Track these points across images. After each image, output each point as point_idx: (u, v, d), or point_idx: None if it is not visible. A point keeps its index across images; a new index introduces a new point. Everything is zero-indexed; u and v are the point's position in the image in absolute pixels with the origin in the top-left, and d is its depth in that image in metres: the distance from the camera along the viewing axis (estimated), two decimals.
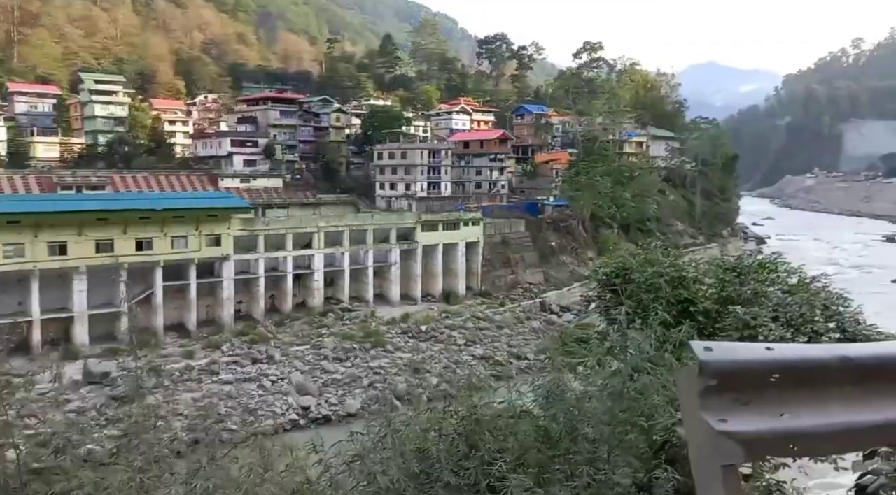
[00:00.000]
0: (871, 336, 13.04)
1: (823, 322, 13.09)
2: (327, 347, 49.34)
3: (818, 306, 13.32)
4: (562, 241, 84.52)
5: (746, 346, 2.27)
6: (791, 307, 12.98)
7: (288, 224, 58.02)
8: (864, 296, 75.56)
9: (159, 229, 50.60)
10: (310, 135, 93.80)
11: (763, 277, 14.89)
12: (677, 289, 13.79)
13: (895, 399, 2.30)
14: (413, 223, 65.32)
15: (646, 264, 14.60)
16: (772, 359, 2.19)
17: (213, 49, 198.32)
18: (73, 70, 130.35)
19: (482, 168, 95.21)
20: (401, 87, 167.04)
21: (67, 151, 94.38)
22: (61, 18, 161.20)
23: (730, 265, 15.80)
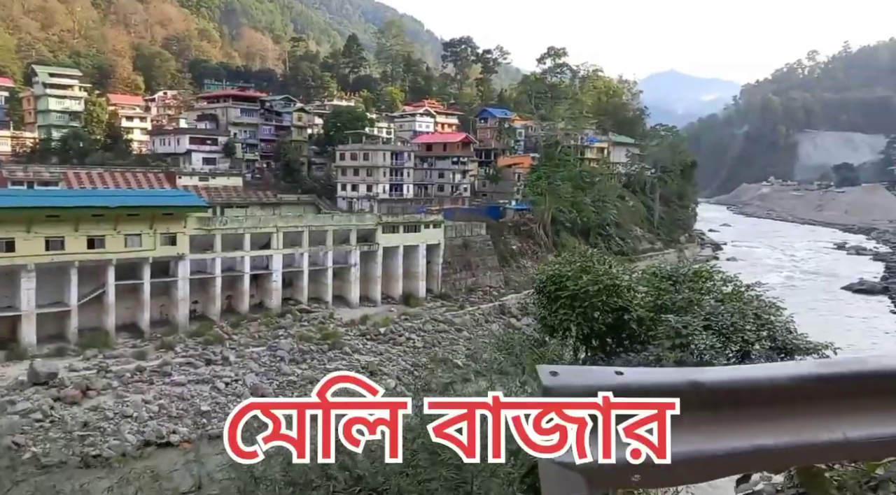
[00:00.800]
0: (800, 345, 13.37)
1: (755, 331, 13.36)
2: (284, 349, 48.86)
3: (750, 315, 13.60)
4: (522, 245, 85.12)
5: (595, 370, 2.20)
6: (722, 316, 13.19)
7: (246, 224, 57.30)
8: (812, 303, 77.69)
9: (112, 227, 49.50)
10: (271, 134, 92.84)
11: (698, 286, 15.13)
12: (611, 297, 13.96)
13: (751, 425, 2.18)
14: (374, 225, 65.12)
15: (580, 272, 14.71)
16: (620, 384, 2.12)
17: (174, 45, 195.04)
18: (27, 63, 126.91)
19: (445, 171, 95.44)
20: (364, 88, 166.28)
21: (20, 146, 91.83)
22: (16, 9, 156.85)
23: (665, 273, 16.00)
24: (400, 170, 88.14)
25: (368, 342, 53.36)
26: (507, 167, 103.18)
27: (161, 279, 52.88)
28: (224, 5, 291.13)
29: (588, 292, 13.84)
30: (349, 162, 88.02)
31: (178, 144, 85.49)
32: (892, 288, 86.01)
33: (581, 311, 13.69)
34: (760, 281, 19.67)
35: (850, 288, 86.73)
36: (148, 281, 51.63)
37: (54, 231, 47.33)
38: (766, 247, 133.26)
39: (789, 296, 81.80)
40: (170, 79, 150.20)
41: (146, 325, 51.36)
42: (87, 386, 39.99)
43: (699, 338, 12.05)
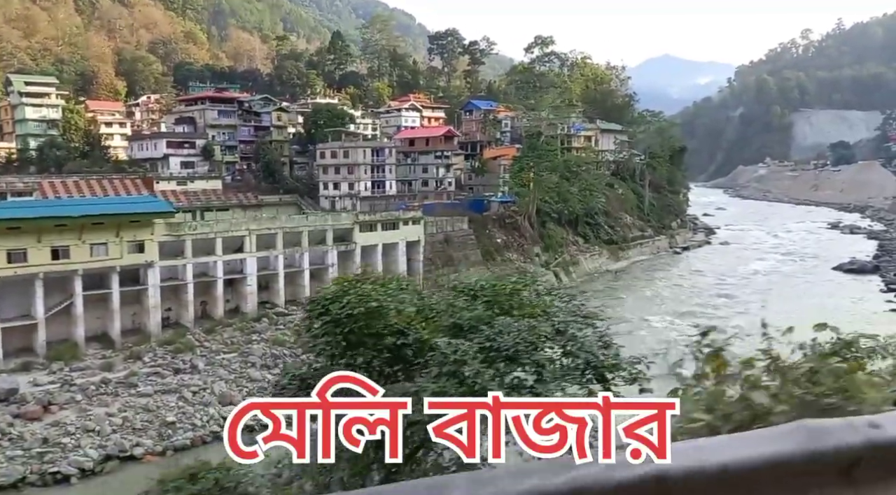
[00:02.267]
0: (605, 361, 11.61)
1: (555, 349, 11.59)
2: (256, 354, 47.98)
3: (547, 332, 11.74)
4: (508, 238, 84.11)
5: None
6: (507, 335, 11.25)
7: (217, 228, 56.34)
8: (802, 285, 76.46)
9: (77, 237, 48.58)
10: (250, 135, 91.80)
11: (502, 300, 13.29)
12: (374, 319, 12.13)
13: None
14: (350, 224, 64.17)
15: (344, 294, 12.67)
16: None
17: (160, 48, 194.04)
18: (9, 71, 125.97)
19: (428, 165, 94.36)
20: (351, 85, 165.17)
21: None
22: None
23: (464, 288, 14.07)
24: (381, 167, 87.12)
25: None
26: (492, 159, 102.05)
27: (131, 287, 52.01)
28: (212, 7, 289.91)
29: (351, 316, 12.16)
30: (330, 160, 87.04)
31: (155, 149, 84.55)
32: (884, 266, 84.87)
33: (342, 338, 12.14)
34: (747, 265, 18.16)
35: (840, 268, 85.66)
36: (117, 290, 50.74)
37: (16, 243, 46.43)
38: (760, 230, 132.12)
39: (778, 279, 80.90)
40: (153, 83, 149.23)
41: (117, 335, 50.49)
42: (49, 401, 39.18)
43: (472, 365, 10.34)
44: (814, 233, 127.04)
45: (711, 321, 57.46)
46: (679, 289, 76.97)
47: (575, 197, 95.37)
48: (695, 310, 66.24)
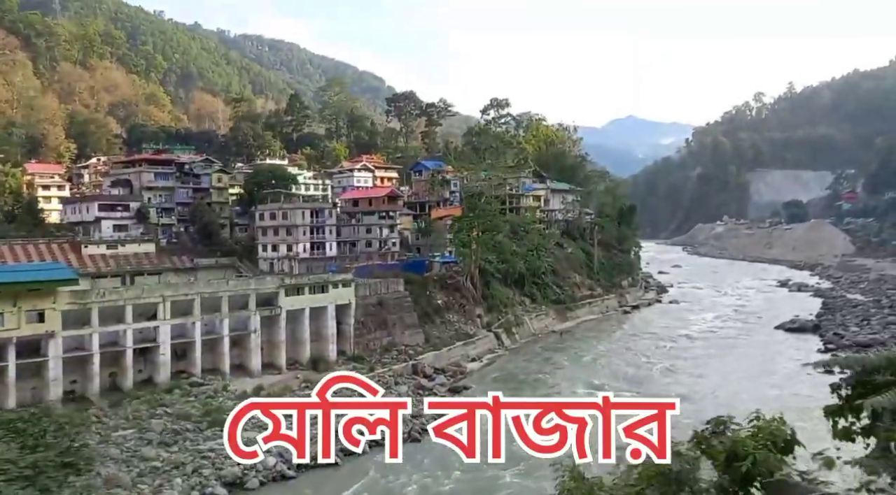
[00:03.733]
0: None
1: None
2: (155, 430, 45.13)
3: None
4: (449, 299, 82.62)
5: None
6: None
7: (127, 294, 53.97)
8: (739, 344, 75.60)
9: None
10: (188, 197, 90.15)
11: None
12: None
13: None
14: (275, 287, 62.19)
15: None
16: None
17: (120, 110, 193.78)
18: None
19: (372, 226, 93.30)
20: (308, 145, 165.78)
21: None
22: None
23: None
24: (321, 228, 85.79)
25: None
26: (439, 219, 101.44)
27: (30, 360, 49.13)
28: (180, 70, 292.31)
29: None
30: (269, 222, 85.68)
31: (87, 212, 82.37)
32: (824, 325, 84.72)
33: None
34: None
35: (782, 327, 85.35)
36: (13, 362, 47.84)
37: None
38: (711, 288, 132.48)
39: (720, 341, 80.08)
40: (105, 145, 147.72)
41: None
42: None
43: None
44: (763, 291, 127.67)
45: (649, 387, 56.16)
46: (619, 354, 75.57)
47: (521, 256, 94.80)
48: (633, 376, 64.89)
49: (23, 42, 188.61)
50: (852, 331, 79.10)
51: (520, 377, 64.06)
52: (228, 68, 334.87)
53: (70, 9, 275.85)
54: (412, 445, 48.77)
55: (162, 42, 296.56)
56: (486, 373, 67.95)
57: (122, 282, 75.92)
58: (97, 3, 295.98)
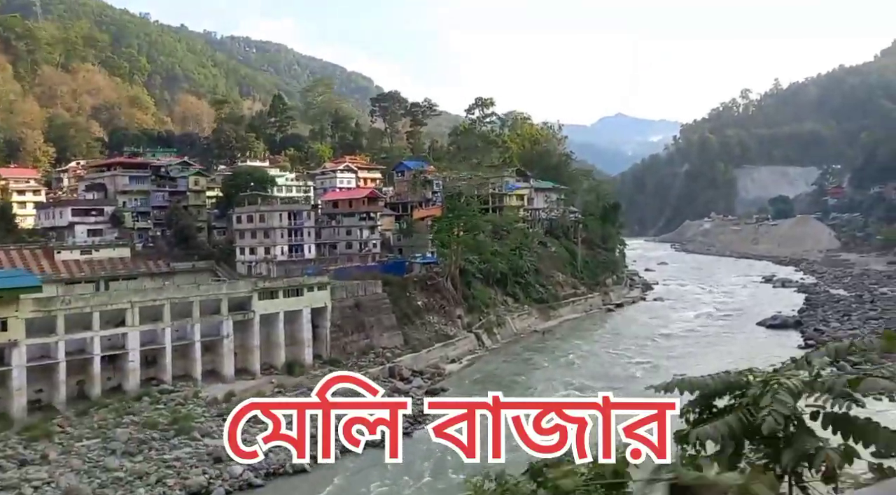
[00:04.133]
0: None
1: None
2: (119, 439, 44.17)
3: None
4: (429, 300, 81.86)
5: None
6: None
7: (93, 301, 52.97)
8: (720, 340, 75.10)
9: None
10: (165, 201, 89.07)
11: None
12: None
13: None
14: (248, 292, 61.30)
15: None
16: None
17: (103, 113, 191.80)
18: None
19: (352, 227, 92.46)
20: (292, 147, 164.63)
21: None
22: None
23: None
24: (300, 230, 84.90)
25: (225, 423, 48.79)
26: (420, 220, 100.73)
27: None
28: (165, 72, 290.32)
29: None
30: (246, 225, 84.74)
31: (60, 217, 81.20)
32: (806, 321, 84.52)
33: None
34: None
35: (763, 323, 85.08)
36: None
37: None
38: (696, 285, 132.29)
39: (700, 338, 79.60)
40: (84, 149, 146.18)
41: None
42: None
43: None
44: (747, 287, 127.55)
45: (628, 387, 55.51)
46: (599, 353, 74.98)
47: (503, 256, 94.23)
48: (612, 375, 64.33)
49: (3, 45, 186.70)
50: (833, 326, 78.90)
51: (498, 378, 63.40)
52: (215, 70, 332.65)
53: (53, 12, 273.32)
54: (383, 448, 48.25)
55: (147, 44, 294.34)
56: (464, 375, 67.29)
57: (97, 287, 74.76)
58: (80, 6, 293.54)
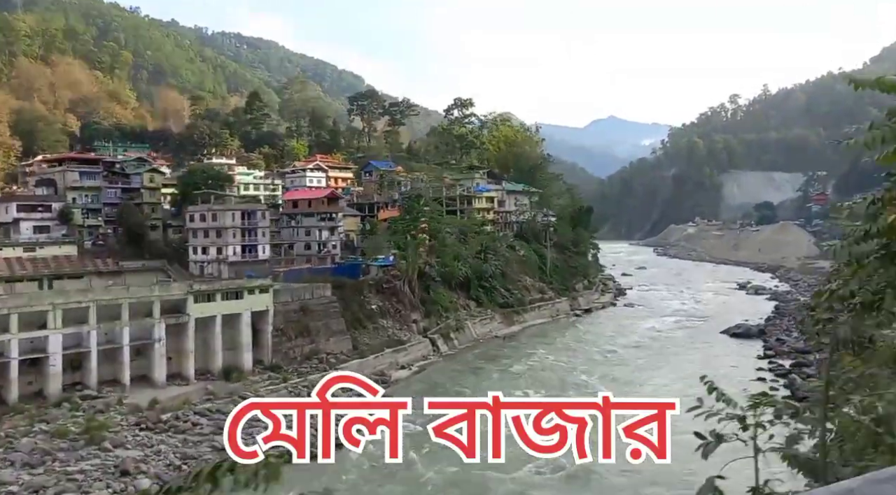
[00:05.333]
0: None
1: None
2: (22, 450, 41.90)
3: None
4: (384, 304, 79.75)
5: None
6: None
7: (10, 303, 50.67)
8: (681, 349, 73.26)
9: None
10: (117, 197, 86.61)
11: None
12: None
13: None
14: (183, 294, 59.05)
15: None
16: None
17: (80, 107, 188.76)
18: None
19: (311, 228, 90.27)
20: (267, 144, 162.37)
21: None
22: None
23: None
24: (253, 231, 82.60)
25: (142, 432, 46.63)
26: (383, 221, 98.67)
27: None
28: (151, 67, 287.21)
29: None
30: (199, 223, 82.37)
31: (5, 213, 78.60)
32: (769, 330, 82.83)
33: None
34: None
35: (727, 332, 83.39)
36: None
37: None
38: (669, 291, 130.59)
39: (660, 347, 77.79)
40: (55, 142, 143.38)
41: None
42: None
43: None
44: (720, 293, 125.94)
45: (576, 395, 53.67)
46: (554, 363, 72.86)
47: (464, 259, 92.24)
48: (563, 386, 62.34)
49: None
50: (794, 336, 77.22)
51: (442, 389, 61.14)
52: (202, 65, 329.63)
53: (40, 4, 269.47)
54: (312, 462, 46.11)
55: (135, 39, 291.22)
56: (411, 383, 65.14)
57: (40, 285, 72.50)
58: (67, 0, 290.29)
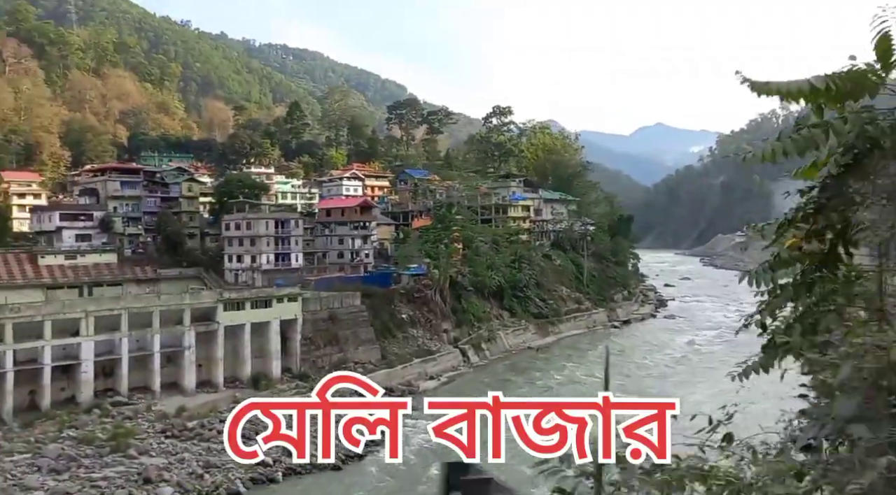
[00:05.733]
0: None
1: None
2: (49, 456, 42.68)
3: None
4: (415, 313, 79.50)
5: None
6: None
7: (45, 310, 51.89)
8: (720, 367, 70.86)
9: None
10: (157, 206, 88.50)
11: None
12: None
13: None
14: (212, 302, 59.70)
15: None
16: None
17: (130, 118, 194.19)
18: None
19: (344, 237, 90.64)
20: (306, 153, 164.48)
21: None
22: None
23: None
24: (287, 239, 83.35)
25: (167, 440, 47.10)
26: (416, 230, 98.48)
27: None
28: (201, 78, 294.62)
29: None
30: (234, 232, 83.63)
31: (49, 221, 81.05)
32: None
33: None
34: None
35: None
36: None
37: None
38: (714, 302, 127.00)
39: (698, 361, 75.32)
40: (101, 153, 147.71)
41: None
42: None
43: None
44: None
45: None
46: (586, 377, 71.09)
47: (497, 269, 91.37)
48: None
49: (37, 51, 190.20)
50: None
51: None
52: (249, 77, 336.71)
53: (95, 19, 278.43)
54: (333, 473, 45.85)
55: (184, 51, 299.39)
56: (438, 393, 64.31)
57: (80, 293, 74.37)
58: (121, 14, 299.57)
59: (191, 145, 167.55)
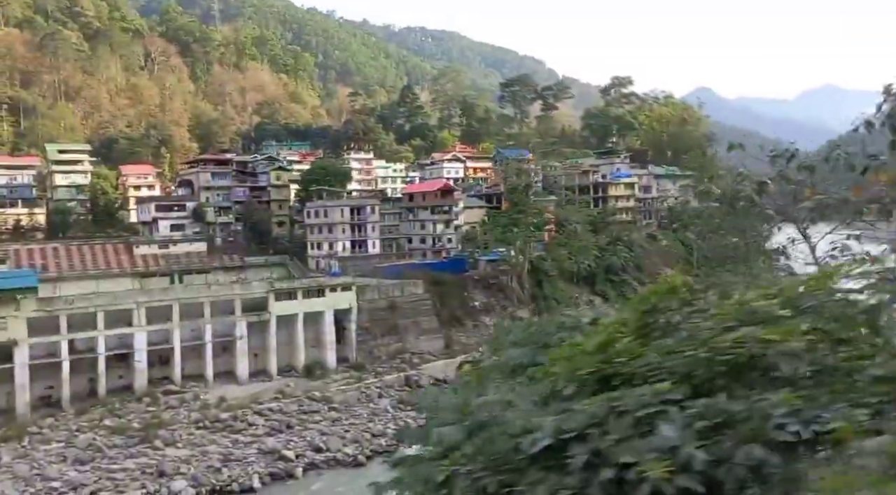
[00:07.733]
0: None
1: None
2: (78, 446, 44.14)
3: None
4: (489, 300, 75.97)
5: None
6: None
7: (97, 301, 54.01)
8: None
9: None
10: (245, 196, 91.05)
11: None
12: None
13: None
14: (264, 292, 59.73)
15: None
16: None
17: (264, 109, 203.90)
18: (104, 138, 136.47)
19: (425, 222, 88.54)
20: (418, 136, 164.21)
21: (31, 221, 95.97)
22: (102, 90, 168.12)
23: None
24: (363, 226, 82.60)
25: (198, 431, 47.36)
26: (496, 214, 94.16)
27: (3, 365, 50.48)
28: (339, 66, 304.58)
29: None
30: (314, 220, 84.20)
31: (147, 213, 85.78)
32: None
33: None
34: None
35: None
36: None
37: None
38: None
39: None
40: (226, 143, 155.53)
41: None
42: None
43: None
44: None
45: None
46: None
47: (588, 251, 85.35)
48: None
49: (182, 49, 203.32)
50: None
51: None
52: (385, 62, 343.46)
53: (245, 14, 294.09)
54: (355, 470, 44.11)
55: (324, 40, 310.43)
56: None
57: (171, 280, 78.08)
58: (268, 7, 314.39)
59: (310, 133, 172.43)
